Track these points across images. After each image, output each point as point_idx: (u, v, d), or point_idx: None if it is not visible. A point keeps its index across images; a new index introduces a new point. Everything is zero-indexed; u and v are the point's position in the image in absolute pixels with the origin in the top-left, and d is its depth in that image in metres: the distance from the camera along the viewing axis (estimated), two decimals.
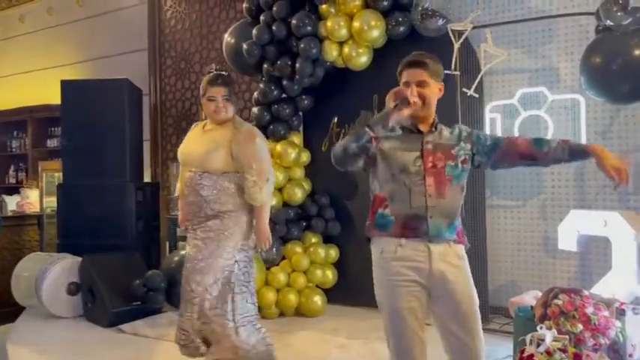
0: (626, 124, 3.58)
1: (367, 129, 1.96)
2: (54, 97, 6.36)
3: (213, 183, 2.70)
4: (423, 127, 2.10)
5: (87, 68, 6.42)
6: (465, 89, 3.70)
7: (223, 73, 2.85)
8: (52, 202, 6.22)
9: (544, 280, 3.82)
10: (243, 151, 2.68)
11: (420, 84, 2.07)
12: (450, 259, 2.03)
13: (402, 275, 2.01)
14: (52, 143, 6.72)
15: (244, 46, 4.28)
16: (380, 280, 2.10)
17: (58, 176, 6.26)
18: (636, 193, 3.53)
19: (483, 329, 2.11)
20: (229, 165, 2.69)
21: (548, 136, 3.60)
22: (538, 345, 2.43)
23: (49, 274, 4.18)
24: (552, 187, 3.84)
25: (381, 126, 1.97)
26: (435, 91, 2.12)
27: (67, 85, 4.94)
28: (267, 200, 2.74)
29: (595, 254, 3.62)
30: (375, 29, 3.91)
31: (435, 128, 2.12)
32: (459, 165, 2.06)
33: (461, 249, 2.07)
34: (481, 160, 2.13)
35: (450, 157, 2.05)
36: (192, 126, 2.97)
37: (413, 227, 2.00)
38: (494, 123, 3.76)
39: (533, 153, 2.08)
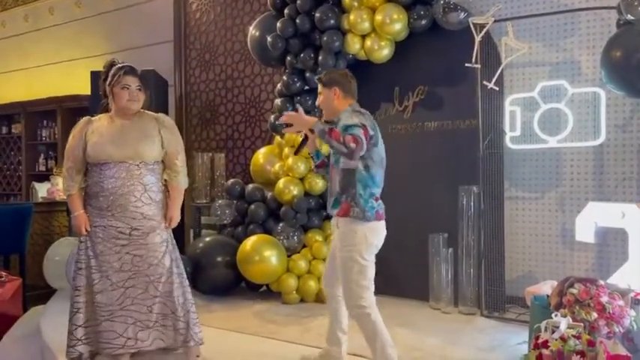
0: None
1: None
2: (82, 88, 6.55)
3: (151, 171, 2.85)
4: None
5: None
6: (485, 82, 3.75)
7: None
8: None
9: (561, 271, 3.87)
10: (171, 141, 2.90)
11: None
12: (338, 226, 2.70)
13: None
14: None
15: (269, 38, 4.38)
16: None
17: None
18: None
19: (500, 318, 2.29)
20: (160, 154, 2.88)
21: (568, 130, 3.65)
22: (553, 332, 2.50)
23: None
24: (571, 180, 3.87)
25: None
26: (329, 96, 2.77)
27: (96, 76, 5.06)
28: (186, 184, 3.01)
29: (613, 246, 3.66)
30: (397, 22, 3.97)
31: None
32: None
33: (344, 220, 2.64)
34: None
35: None
36: (84, 121, 2.89)
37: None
38: (514, 116, 3.81)
39: None
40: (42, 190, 6.74)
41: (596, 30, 3.76)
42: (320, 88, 2.79)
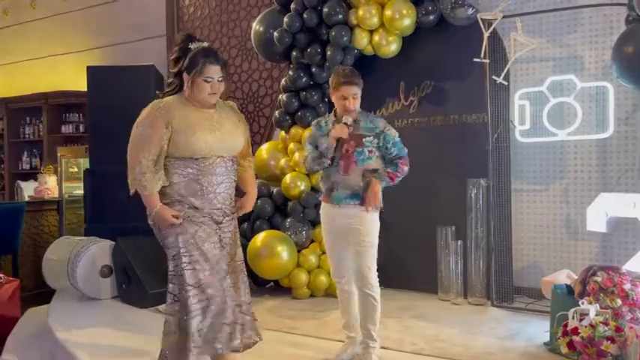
0: None
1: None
2: (69, 83, 6.41)
3: (234, 167, 2.59)
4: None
5: (103, 54, 6.44)
6: (494, 77, 3.81)
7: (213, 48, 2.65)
8: (70, 187, 6.28)
9: (566, 261, 3.99)
10: (246, 130, 2.69)
11: (354, 97, 2.85)
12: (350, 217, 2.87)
13: None
14: (67, 129, 6.75)
15: (275, 33, 4.36)
16: None
17: (75, 162, 6.31)
18: None
19: (510, 308, 2.41)
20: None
21: (577, 123, 3.75)
22: (581, 319, 2.58)
23: (83, 257, 4.26)
24: (575, 172, 3.99)
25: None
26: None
27: (93, 71, 4.98)
28: None
29: (616, 236, 3.78)
30: (406, 18, 4.01)
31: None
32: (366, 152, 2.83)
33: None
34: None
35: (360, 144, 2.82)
36: (161, 106, 2.45)
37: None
38: (522, 110, 3.89)
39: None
40: (28, 189, 6.56)
41: (599, 26, 3.87)
42: (356, 90, 2.85)
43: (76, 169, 6.39)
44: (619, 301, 2.64)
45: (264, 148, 4.80)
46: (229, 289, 2.50)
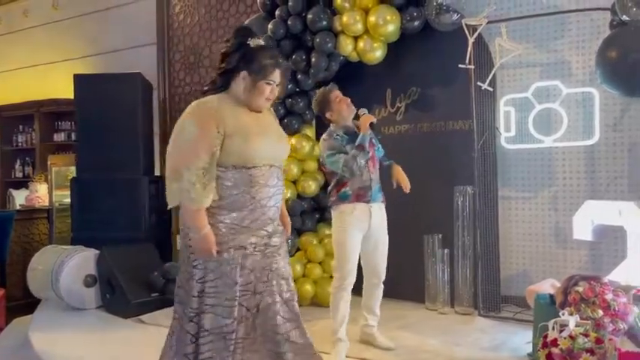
0: (637, 117, 3.67)
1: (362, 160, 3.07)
2: (61, 91, 6.39)
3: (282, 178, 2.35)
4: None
5: (95, 62, 6.43)
6: (479, 83, 3.77)
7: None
8: (60, 195, 6.26)
9: (554, 269, 3.92)
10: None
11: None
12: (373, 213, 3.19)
13: None
14: (59, 137, 6.73)
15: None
16: None
17: (67, 170, 6.29)
18: None
19: (497, 317, 2.40)
20: None
21: (562, 130, 3.70)
22: (561, 330, 2.52)
23: (67, 267, 4.22)
24: (564, 179, 3.93)
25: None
26: None
27: (80, 79, 4.97)
28: None
29: (605, 244, 3.71)
30: (390, 24, 3.97)
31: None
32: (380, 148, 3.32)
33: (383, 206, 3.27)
34: None
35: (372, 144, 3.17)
36: (211, 106, 2.16)
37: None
38: (508, 116, 3.84)
39: None
40: (19, 197, 6.54)
41: (586, 31, 3.82)
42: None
43: (69, 177, 6.38)
44: (600, 312, 2.58)
45: None
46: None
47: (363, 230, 3.09)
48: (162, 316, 3.97)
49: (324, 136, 3.19)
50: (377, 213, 3.14)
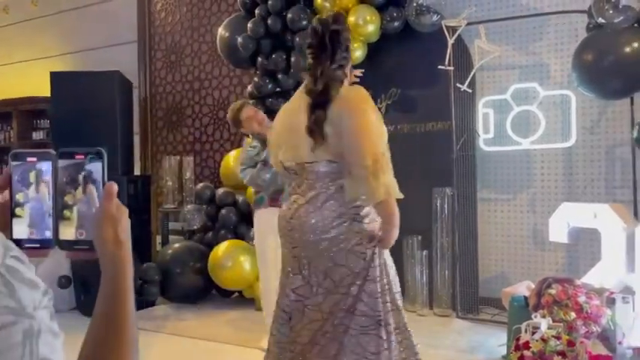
0: (614, 119, 3.69)
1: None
2: (40, 89, 6.28)
3: None
4: None
5: (74, 60, 6.34)
6: (458, 84, 3.76)
7: None
8: None
9: (532, 271, 3.92)
10: None
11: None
12: None
13: None
14: (37, 135, 6.63)
15: (239, 39, 4.29)
16: None
17: None
18: (622, 187, 3.65)
19: (475, 319, 2.30)
20: None
21: (540, 132, 3.70)
22: (533, 333, 2.52)
23: (40, 268, 4.11)
24: (542, 181, 3.93)
25: None
26: None
27: (56, 77, 4.88)
28: None
29: (582, 246, 3.73)
30: (370, 24, 3.95)
31: None
32: None
33: None
34: None
35: None
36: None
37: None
38: (487, 118, 3.84)
39: None
40: None
41: (564, 34, 3.84)
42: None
43: None
44: (573, 314, 2.58)
45: (232, 156, 4.72)
46: None
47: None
48: (138, 317, 3.91)
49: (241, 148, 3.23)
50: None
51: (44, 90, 5.77)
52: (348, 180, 1.95)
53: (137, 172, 5.62)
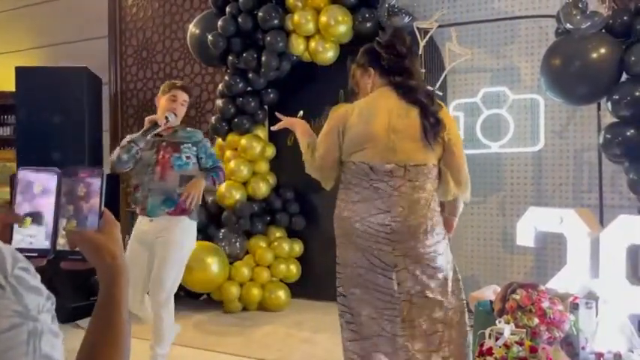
0: (582, 124, 3.71)
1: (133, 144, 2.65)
2: (6, 84, 6.10)
3: None
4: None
5: (43, 55, 6.18)
6: (429, 87, 3.74)
7: None
8: (4, 192, 5.99)
9: (501, 275, 3.94)
10: None
11: (183, 103, 2.82)
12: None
13: None
14: (4, 131, 6.44)
15: (209, 37, 4.22)
16: None
17: (11, 166, 6.03)
18: (590, 191, 3.67)
19: None
20: None
21: (509, 136, 3.71)
22: (497, 339, 2.50)
23: None
24: (511, 185, 3.94)
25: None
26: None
27: (21, 72, 4.75)
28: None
29: (550, 250, 3.75)
30: (341, 24, 3.91)
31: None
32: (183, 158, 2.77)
33: (178, 218, 2.78)
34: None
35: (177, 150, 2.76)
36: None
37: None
38: (457, 121, 3.83)
39: None
40: None
41: (535, 38, 3.85)
42: (187, 97, 2.89)
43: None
44: (536, 320, 2.57)
45: None
46: None
47: (146, 248, 2.76)
48: None
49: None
50: (157, 228, 2.72)
51: (12, 85, 5.61)
52: (449, 181, 2.22)
53: (106, 170, 5.49)
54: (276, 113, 2.60)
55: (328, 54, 4.07)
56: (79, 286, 3.93)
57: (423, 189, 2.11)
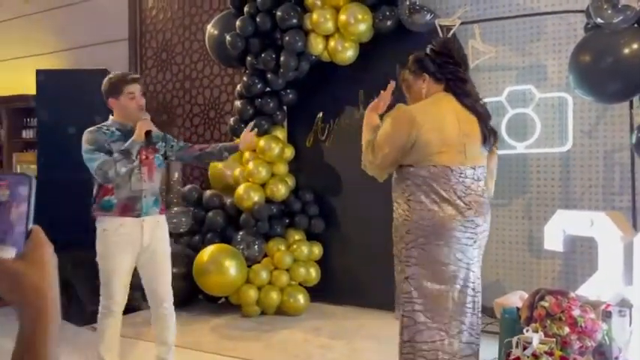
0: (613, 123, 3.56)
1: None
2: (30, 87, 6.17)
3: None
4: None
5: (64, 58, 6.23)
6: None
7: None
8: None
9: (528, 279, 3.80)
10: None
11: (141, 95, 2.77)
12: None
13: None
14: (27, 134, 6.53)
15: (228, 37, 4.17)
16: None
17: (34, 168, 6.08)
18: (621, 194, 3.52)
19: None
20: None
21: (535, 136, 3.58)
22: (524, 348, 2.39)
23: None
24: (538, 187, 3.81)
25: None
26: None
27: (42, 75, 4.77)
28: None
29: (579, 254, 3.60)
30: (361, 23, 3.83)
31: None
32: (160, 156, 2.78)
33: (163, 217, 2.82)
34: (169, 156, 2.87)
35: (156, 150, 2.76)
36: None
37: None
38: None
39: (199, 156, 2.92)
40: None
41: (562, 34, 3.71)
42: (140, 88, 2.80)
43: None
44: (567, 329, 2.45)
45: None
46: None
47: (133, 252, 2.68)
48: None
49: (91, 128, 2.73)
50: (150, 228, 2.68)
51: (34, 88, 5.67)
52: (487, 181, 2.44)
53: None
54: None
55: (348, 53, 3.99)
56: (97, 289, 3.91)
57: (484, 189, 2.35)
